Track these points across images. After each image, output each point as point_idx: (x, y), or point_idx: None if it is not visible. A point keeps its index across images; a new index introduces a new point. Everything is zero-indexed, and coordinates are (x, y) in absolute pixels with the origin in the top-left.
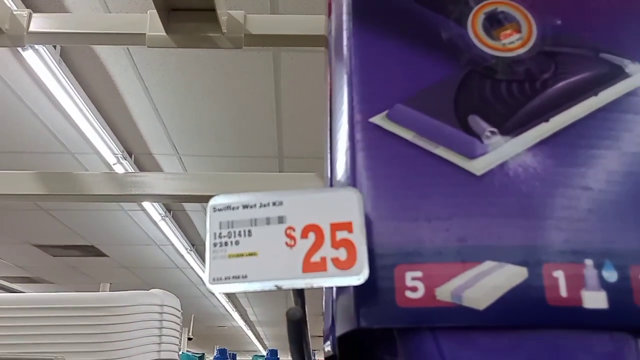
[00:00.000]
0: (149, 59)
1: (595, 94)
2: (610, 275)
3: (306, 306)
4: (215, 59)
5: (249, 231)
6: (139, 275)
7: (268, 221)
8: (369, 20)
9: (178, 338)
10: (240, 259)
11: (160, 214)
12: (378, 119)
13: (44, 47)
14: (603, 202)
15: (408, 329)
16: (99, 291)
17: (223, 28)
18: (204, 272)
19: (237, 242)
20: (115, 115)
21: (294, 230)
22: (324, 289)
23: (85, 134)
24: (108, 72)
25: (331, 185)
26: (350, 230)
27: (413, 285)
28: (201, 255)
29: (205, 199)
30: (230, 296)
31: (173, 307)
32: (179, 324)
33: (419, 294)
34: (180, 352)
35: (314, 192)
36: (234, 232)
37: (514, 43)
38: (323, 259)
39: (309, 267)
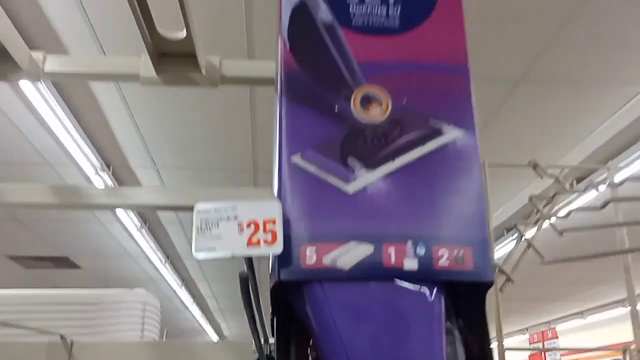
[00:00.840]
0: None
1: (423, 145)
2: (421, 250)
3: (256, 271)
4: None
5: (218, 223)
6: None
7: (228, 219)
8: (293, 97)
9: (157, 333)
10: (212, 240)
11: (135, 225)
12: (296, 158)
13: None
14: (421, 207)
15: (307, 281)
16: None
17: (202, 70)
18: (178, 285)
19: (210, 230)
20: (95, 127)
21: (242, 223)
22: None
23: (64, 145)
24: (89, 85)
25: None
26: (274, 223)
27: (310, 255)
28: (176, 268)
29: (184, 208)
30: (204, 310)
31: (153, 305)
32: (158, 320)
33: (314, 260)
34: None
35: (255, 202)
36: (209, 224)
37: (377, 113)
38: (258, 240)
39: (251, 244)
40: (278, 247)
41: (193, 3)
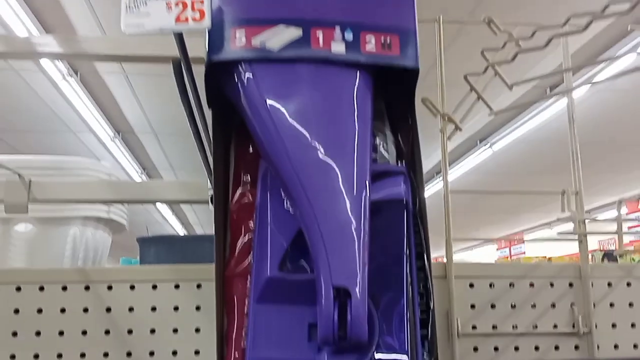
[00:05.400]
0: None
1: None
2: (349, 35)
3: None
4: None
5: (146, 2)
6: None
7: None
8: None
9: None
10: (141, 17)
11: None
12: None
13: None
14: None
15: (237, 61)
16: None
17: None
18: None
19: (139, 8)
20: (106, 102)
21: (170, 2)
22: None
23: (83, 116)
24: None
25: None
26: (202, 3)
27: (240, 37)
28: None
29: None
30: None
31: (118, 177)
32: None
33: (243, 42)
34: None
35: None
36: (137, 3)
37: None
38: (187, 17)
39: (179, 21)
40: (206, 23)
41: None
